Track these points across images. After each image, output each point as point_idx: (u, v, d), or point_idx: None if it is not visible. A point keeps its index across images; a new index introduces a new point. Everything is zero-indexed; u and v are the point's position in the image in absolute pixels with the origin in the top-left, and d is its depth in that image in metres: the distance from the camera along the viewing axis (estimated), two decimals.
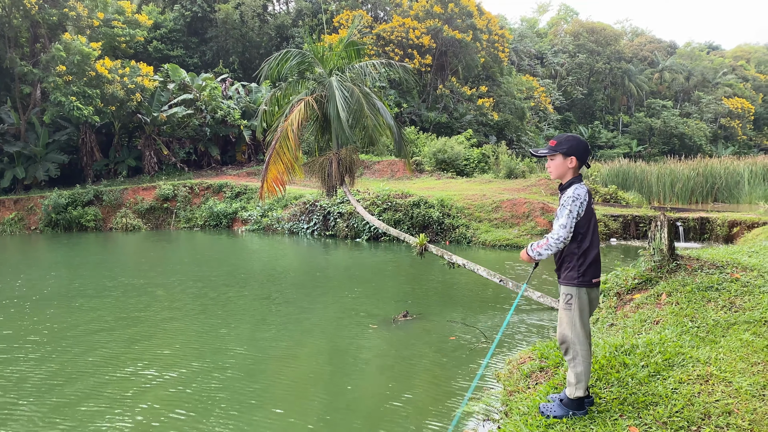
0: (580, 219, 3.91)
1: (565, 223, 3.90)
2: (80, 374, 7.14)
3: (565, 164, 4.05)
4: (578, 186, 3.96)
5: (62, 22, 29.73)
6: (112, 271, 15.16)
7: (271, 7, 47.03)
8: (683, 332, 5.26)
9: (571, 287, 3.98)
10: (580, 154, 4.03)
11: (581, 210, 3.90)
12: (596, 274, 4.01)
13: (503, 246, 18.03)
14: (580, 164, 4.05)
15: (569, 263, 3.99)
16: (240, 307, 10.81)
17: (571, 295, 3.97)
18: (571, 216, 3.89)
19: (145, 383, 6.80)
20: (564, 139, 4.10)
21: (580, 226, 3.93)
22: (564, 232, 3.90)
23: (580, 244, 3.95)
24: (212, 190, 28.20)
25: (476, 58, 40.06)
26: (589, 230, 3.94)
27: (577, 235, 3.94)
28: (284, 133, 12.75)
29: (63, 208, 26.72)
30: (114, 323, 9.67)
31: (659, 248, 6.63)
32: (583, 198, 3.91)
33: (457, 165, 29.44)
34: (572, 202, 3.90)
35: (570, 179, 4.03)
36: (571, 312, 3.98)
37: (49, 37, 29.86)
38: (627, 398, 4.21)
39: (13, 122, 29.78)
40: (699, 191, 28.68)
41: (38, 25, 29.25)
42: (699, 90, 60.28)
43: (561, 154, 4.05)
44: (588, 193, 3.96)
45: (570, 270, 3.98)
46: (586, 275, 3.95)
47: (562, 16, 70.90)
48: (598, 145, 52.92)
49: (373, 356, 7.82)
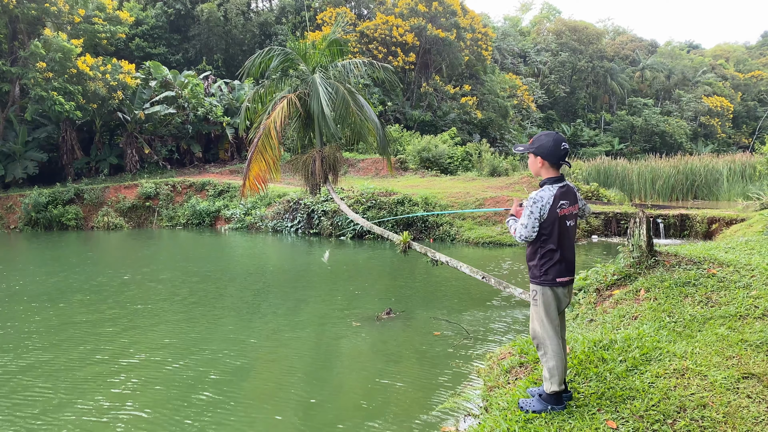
0: (544, 221, 3.95)
1: (525, 223, 3.97)
2: (52, 374, 7.07)
3: (536, 163, 4.08)
4: (546, 188, 3.98)
5: (42, 18, 29.32)
6: (90, 270, 15.01)
7: (255, 5, 46.75)
8: (661, 327, 5.34)
9: (535, 285, 4.07)
10: (546, 154, 3.99)
11: (543, 213, 3.92)
12: (561, 274, 4.02)
13: (486, 243, 18.12)
14: (550, 164, 4.01)
15: (532, 262, 4.07)
16: (221, 306, 10.77)
17: (536, 292, 4.06)
18: (532, 217, 3.94)
19: (125, 383, 6.76)
20: (536, 137, 4.12)
21: (544, 227, 3.97)
22: (525, 231, 3.97)
23: (543, 245, 3.99)
24: (195, 188, 28.02)
25: (460, 56, 40.16)
26: (553, 233, 3.96)
27: (540, 236, 3.99)
28: (267, 131, 12.70)
29: (43, 206, 26.38)
30: (90, 323, 9.59)
31: (638, 245, 6.72)
32: (546, 201, 3.92)
33: (441, 163, 29.53)
34: (532, 203, 3.94)
35: (544, 179, 4.06)
36: (538, 308, 4.06)
37: (29, 33, 29.44)
38: (605, 393, 4.26)
39: None
40: (679, 188, 29.05)
41: (17, 21, 28.82)
42: (679, 88, 60.95)
43: (531, 153, 4.09)
44: (555, 197, 3.94)
45: (533, 268, 4.07)
46: (548, 274, 4.00)
47: (545, 15, 71.28)
48: (580, 143, 53.32)
49: (356, 353, 7.84)
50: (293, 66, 14.49)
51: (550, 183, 4.01)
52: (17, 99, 29.46)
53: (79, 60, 28.02)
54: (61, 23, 30.24)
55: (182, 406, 6.07)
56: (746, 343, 4.79)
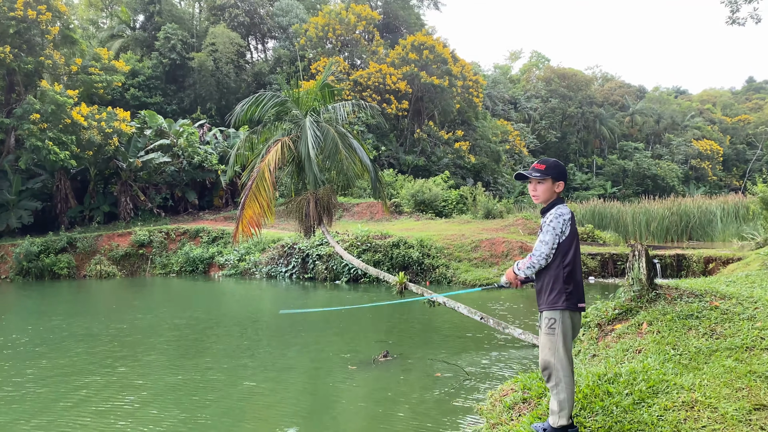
0: (564, 239, 3.87)
1: (547, 240, 3.86)
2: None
3: (553, 188, 4.04)
4: (561, 206, 3.95)
5: (38, 70, 29.70)
6: (77, 321, 14.70)
7: (249, 55, 47.66)
8: (666, 360, 5.18)
9: (554, 311, 3.90)
10: (564, 179, 4.07)
11: (565, 228, 3.87)
12: (581, 298, 3.95)
13: (483, 285, 17.93)
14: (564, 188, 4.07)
15: (554, 286, 3.91)
16: (216, 352, 10.51)
17: (555, 320, 3.89)
18: (554, 233, 3.86)
19: (118, 425, 6.49)
20: (553, 163, 4.10)
21: (564, 245, 3.88)
22: (546, 248, 3.86)
23: (565, 265, 3.89)
24: (189, 235, 27.85)
25: (452, 103, 40.78)
26: (571, 250, 3.90)
27: (560, 255, 3.89)
28: (261, 173, 12.69)
29: (35, 255, 26.09)
30: (76, 372, 9.31)
31: (638, 278, 6.61)
32: (567, 216, 3.89)
33: (435, 206, 29.57)
34: (555, 218, 3.88)
35: (554, 200, 4.02)
36: (554, 337, 3.89)
37: (25, 84, 29.77)
38: (612, 426, 4.09)
39: None
40: (674, 230, 29.07)
41: (14, 73, 29.18)
42: (669, 132, 61.88)
43: (551, 178, 4.04)
44: (571, 213, 3.93)
45: (555, 293, 3.90)
46: (571, 299, 3.88)
47: (533, 63, 72.83)
48: (573, 187, 53.70)
49: (353, 396, 7.60)
50: (286, 111, 14.62)
51: (560, 203, 3.98)
52: (12, 149, 29.54)
53: (74, 110, 28.26)
54: (57, 74, 30.62)
55: None
56: (755, 375, 4.64)
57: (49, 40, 29.77)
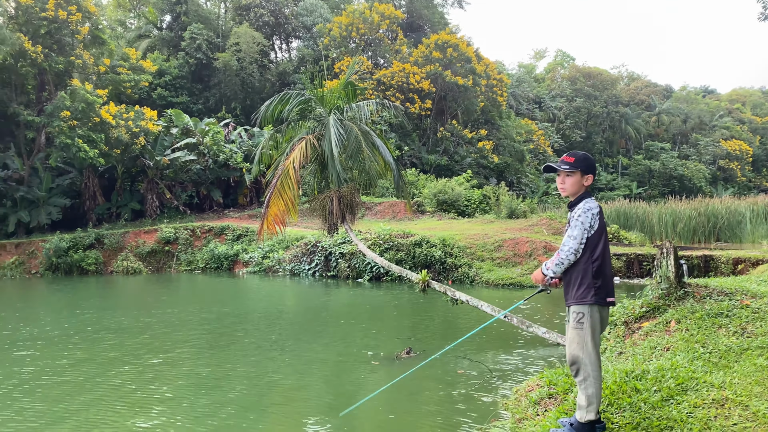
0: (593, 233, 3.85)
1: (575, 235, 3.84)
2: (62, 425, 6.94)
3: (581, 182, 4.02)
4: (589, 200, 3.93)
5: (69, 70, 30.28)
6: (108, 315, 14.98)
7: (273, 55, 48.01)
8: (695, 358, 5.12)
9: (583, 306, 3.87)
10: (594, 173, 4.07)
11: (594, 222, 3.85)
12: (610, 293, 3.92)
13: (506, 285, 17.85)
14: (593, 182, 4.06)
15: (582, 281, 3.88)
16: (244, 345, 10.64)
17: (583, 314, 3.86)
18: (583, 227, 3.83)
19: (148, 422, 6.61)
20: (582, 156, 4.07)
21: (593, 240, 3.86)
22: (574, 243, 3.83)
23: (594, 259, 3.86)
24: (214, 232, 28.16)
25: (475, 102, 40.61)
26: (599, 245, 3.87)
27: (589, 249, 3.86)
28: (285, 171, 12.78)
29: (64, 251, 26.63)
30: (111, 362, 9.49)
31: (666, 276, 6.53)
32: (596, 210, 3.87)
33: (458, 206, 29.47)
34: (584, 213, 3.86)
35: (582, 194, 4.00)
36: (582, 331, 3.86)
37: (56, 83, 30.36)
38: (640, 423, 4.06)
39: (16, 167, 30.01)
40: (701, 231, 28.53)
41: (45, 73, 29.78)
42: (696, 132, 60.87)
43: (580, 171, 4.02)
44: (599, 207, 3.91)
45: (584, 288, 3.87)
46: (599, 293, 3.86)
47: (558, 62, 72.19)
48: (598, 187, 53.11)
49: (376, 391, 7.62)
50: (311, 109, 14.71)
51: (588, 197, 3.95)
52: (42, 147, 30.15)
53: (103, 109, 28.76)
54: (87, 74, 31.19)
55: None
56: None
57: (79, 40, 30.31)
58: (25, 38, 27.70)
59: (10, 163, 30.05)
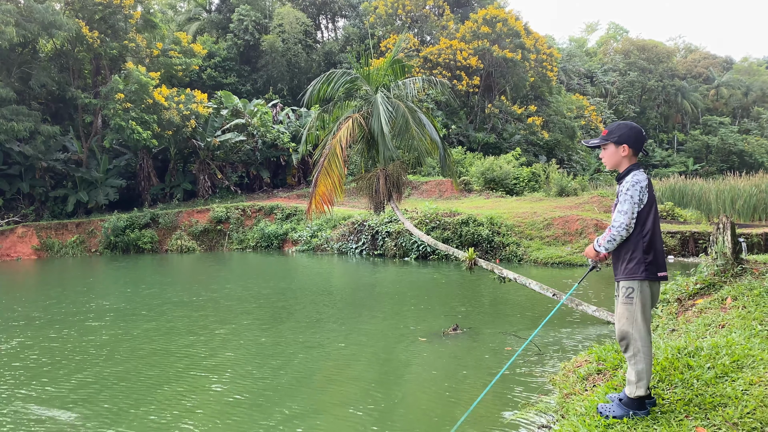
0: (642, 207, 3.77)
1: (626, 210, 3.76)
2: (148, 388, 7.29)
3: (618, 153, 3.93)
4: (637, 172, 3.83)
5: (123, 54, 31.13)
6: (172, 290, 15.56)
7: (320, 35, 48.07)
8: (752, 335, 4.97)
9: (633, 281, 3.80)
10: (632, 142, 3.91)
11: (642, 196, 3.75)
12: (660, 268, 3.84)
13: (556, 263, 17.61)
14: (634, 152, 3.92)
15: (633, 256, 3.81)
16: (293, 321, 10.89)
17: (633, 288, 3.80)
18: (632, 201, 3.75)
19: (206, 389, 6.89)
20: (615, 127, 3.99)
21: (642, 214, 3.77)
22: (625, 218, 3.75)
23: (644, 234, 3.78)
24: (264, 212, 28.69)
25: (525, 77, 39.75)
26: (649, 218, 3.79)
27: (639, 224, 3.78)
28: (332, 150, 12.88)
29: (121, 230, 27.65)
30: (180, 332, 9.88)
31: (722, 252, 6.33)
32: (644, 183, 3.77)
33: (506, 184, 29.11)
34: (632, 186, 3.77)
35: (627, 167, 3.90)
36: (632, 306, 3.80)
37: (110, 68, 31.28)
38: (692, 399, 3.98)
39: (75, 150, 31.19)
40: (762, 208, 27.36)
41: (100, 58, 30.69)
42: (758, 106, 58.13)
43: (612, 143, 3.95)
44: (648, 179, 3.81)
45: (634, 262, 3.80)
46: (650, 268, 3.78)
47: (611, 35, 69.84)
48: (652, 164, 51.47)
49: (424, 366, 7.70)
50: (357, 88, 14.72)
51: (636, 169, 3.86)
52: (99, 130, 31.20)
53: (156, 91, 29.50)
54: (140, 57, 32.00)
55: (252, 410, 6.11)
56: None
57: (132, 24, 31.06)
58: (82, 23, 28.56)
59: (69, 145, 31.24)
